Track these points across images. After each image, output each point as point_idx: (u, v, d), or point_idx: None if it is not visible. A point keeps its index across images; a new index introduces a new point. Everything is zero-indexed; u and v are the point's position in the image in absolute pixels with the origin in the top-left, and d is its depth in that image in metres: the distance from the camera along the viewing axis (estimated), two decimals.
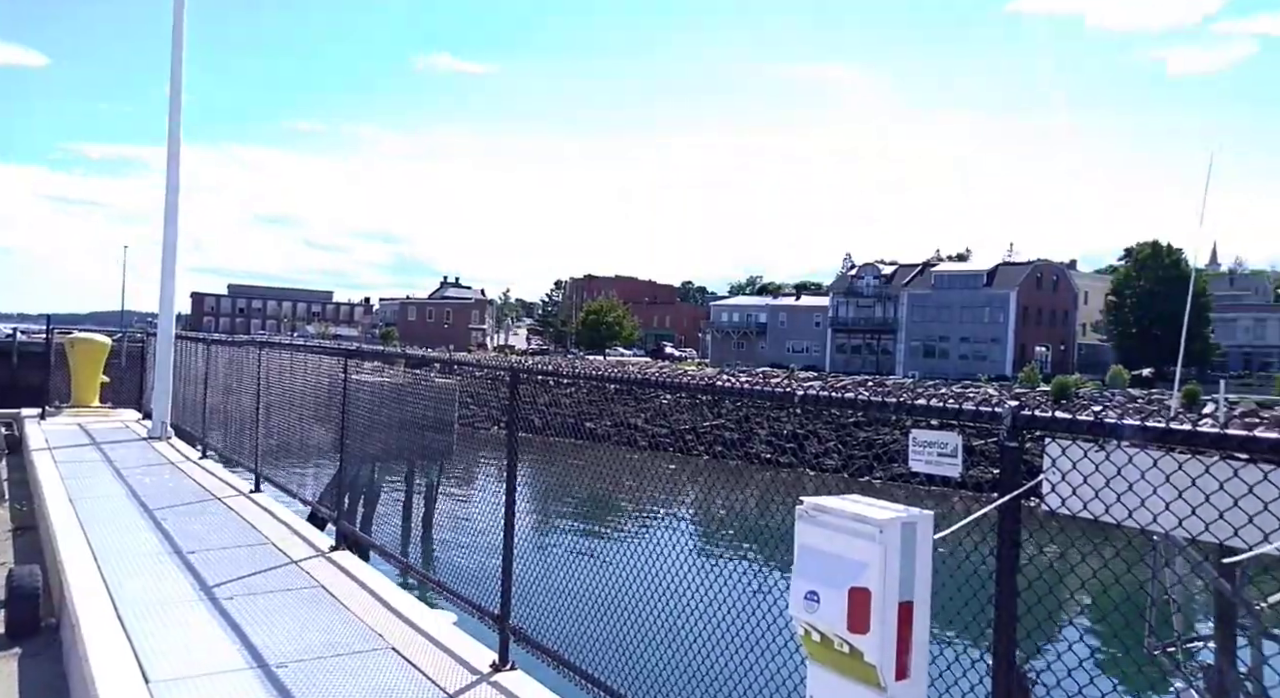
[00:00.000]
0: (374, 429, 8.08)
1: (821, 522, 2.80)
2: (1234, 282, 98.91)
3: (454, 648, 5.24)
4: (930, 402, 2.90)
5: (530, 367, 5.43)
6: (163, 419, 13.92)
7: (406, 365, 8.50)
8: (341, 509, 8.16)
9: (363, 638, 5.37)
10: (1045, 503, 2.56)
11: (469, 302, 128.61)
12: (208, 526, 8.35)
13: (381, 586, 6.52)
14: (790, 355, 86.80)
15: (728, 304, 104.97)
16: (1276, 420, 35.90)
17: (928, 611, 2.67)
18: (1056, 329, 79.04)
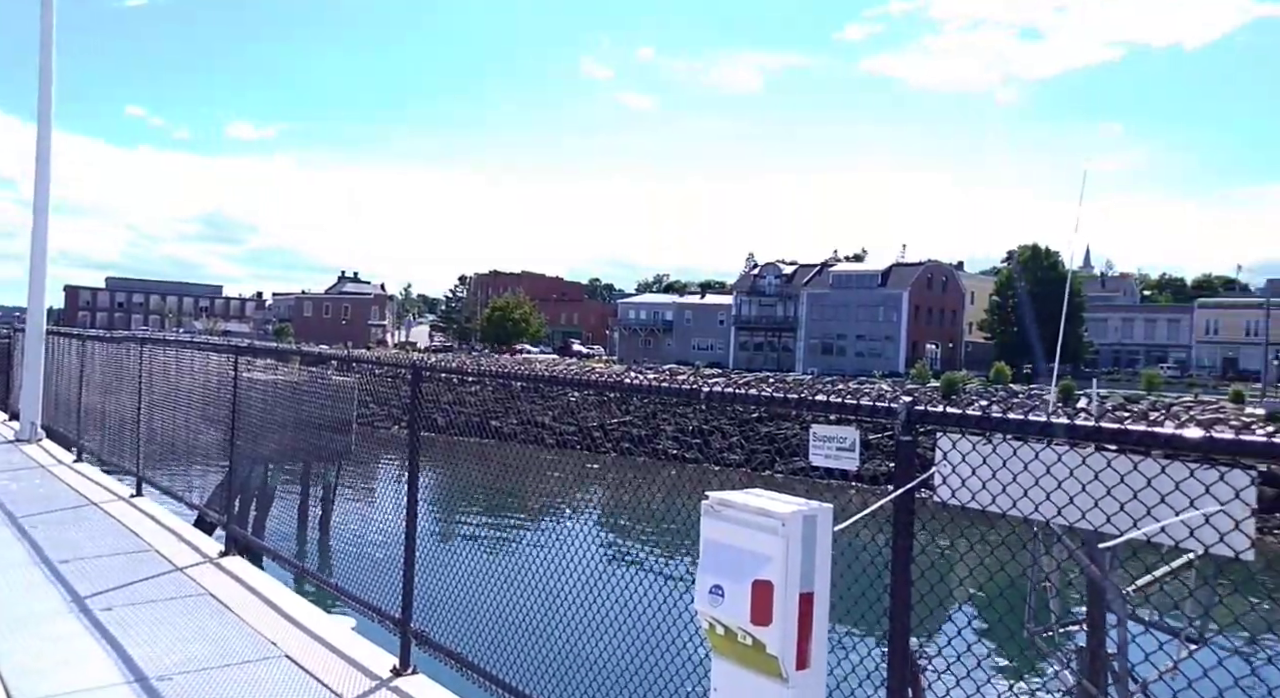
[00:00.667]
0: (267, 429, 7.75)
1: (726, 516, 2.84)
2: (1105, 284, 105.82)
3: (352, 654, 5.09)
4: (829, 398, 2.98)
5: (433, 364, 5.31)
6: (32, 420, 13.00)
7: (302, 363, 8.20)
8: (231, 513, 7.80)
9: (254, 647, 5.15)
10: (937, 495, 2.67)
11: (368, 297, 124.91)
12: (83, 533, 7.83)
13: (275, 591, 6.27)
14: (696, 353, 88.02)
15: (635, 302, 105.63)
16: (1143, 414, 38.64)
17: (827, 601, 2.75)
18: (946, 328, 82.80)
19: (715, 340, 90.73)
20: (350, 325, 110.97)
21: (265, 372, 8.08)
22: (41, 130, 12.87)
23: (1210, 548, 2.13)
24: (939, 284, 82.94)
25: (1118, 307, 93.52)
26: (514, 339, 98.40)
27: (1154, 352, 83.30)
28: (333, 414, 7.11)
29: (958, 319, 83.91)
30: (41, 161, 12.87)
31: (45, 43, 12.75)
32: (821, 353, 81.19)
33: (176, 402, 9.74)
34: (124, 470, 10.39)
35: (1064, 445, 2.42)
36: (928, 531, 2.78)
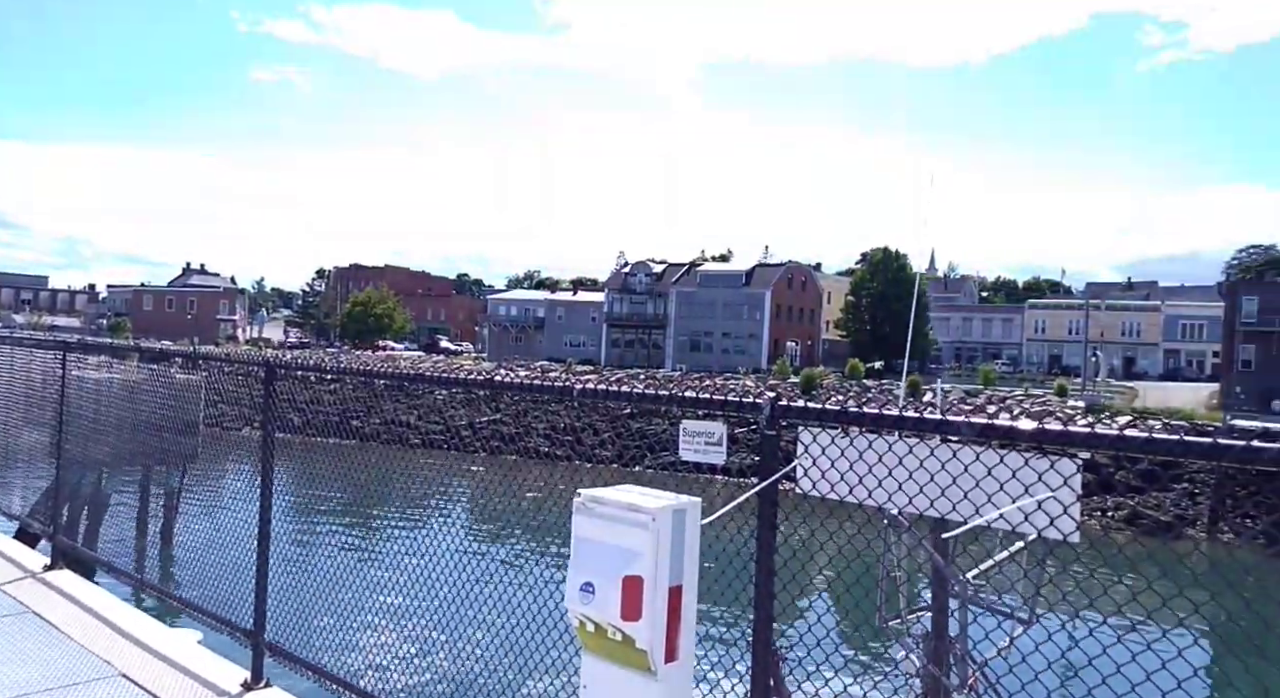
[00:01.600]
0: (101, 432, 7.15)
1: (598, 513, 2.85)
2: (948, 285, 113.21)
3: (198, 670, 4.77)
4: (698, 394, 3.04)
5: (289, 361, 5.05)
6: None
7: (141, 360, 7.60)
8: (58, 523, 7.14)
9: (87, 667, 4.74)
10: (799, 486, 2.77)
11: (216, 290, 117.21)
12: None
13: (109, 607, 5.79)
14: (568, 350, 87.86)
15: (506, 298, 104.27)
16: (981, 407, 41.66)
17: (695, 595, 2.81)
18: (805, 326, 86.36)
19: (587, 337, 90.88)
20: (196, 320, 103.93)
21: (99, 369, 7.45)
22: None
23: (1042, 532, 2.31)
24: (799, 284, 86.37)
25: (959, 307, 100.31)
26: (377, 336, 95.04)
27: (990, 349, 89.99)
28: (177, 415, 6.64)
29: (816, 318, 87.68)
30: None
31: None
32: (690, 350, 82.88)
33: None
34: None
35: (914, 438, 2.57)
36: (790, 522, 2.89)
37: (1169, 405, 45.08)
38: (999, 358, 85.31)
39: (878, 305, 74.44)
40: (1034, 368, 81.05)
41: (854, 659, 2.89)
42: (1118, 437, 2.25)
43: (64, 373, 7.06)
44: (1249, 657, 2.57)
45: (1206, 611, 3.27)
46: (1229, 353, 59.63)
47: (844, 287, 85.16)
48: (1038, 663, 2.49)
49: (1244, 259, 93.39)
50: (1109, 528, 28.16)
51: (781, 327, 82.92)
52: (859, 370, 60.57)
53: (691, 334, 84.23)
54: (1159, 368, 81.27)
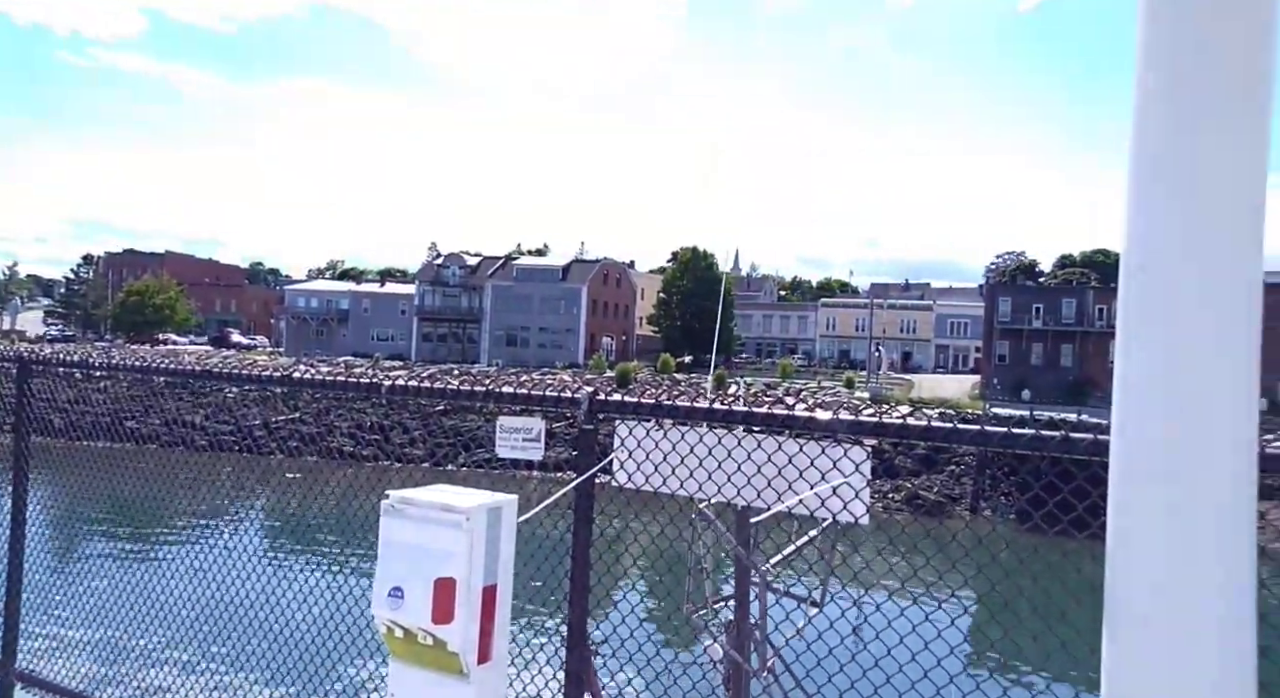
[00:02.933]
0: None
1: (408, 515, 2.74)
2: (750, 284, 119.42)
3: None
4: (516, 390, 3.00)
5: (47, 356, 4.48)
6: None
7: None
8: None
9: None
10: (615, 479, 2.81)
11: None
12: None
13: None
14: (375, 344, 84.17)
15: (305, 289, 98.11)
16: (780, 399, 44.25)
17: (510, 593, 2.77)
18: (620, 321, 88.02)
19: (396, 331, 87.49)
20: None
21: None
22: None
23: (836, 515, 2.48)
24: (614, 280, 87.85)
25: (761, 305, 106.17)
26: (157, 328, 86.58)
27: (788, 344, 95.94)
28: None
29: (630, 314, 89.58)
30: None
31: None
32: (506, 344, 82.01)
33: None
34: None
35: (721, 429, 2.67)
36: (606, 514, 2.92)
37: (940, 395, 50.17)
38: (795, 353, 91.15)
39: (687, 302, 77.23)
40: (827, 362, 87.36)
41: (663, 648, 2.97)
42: (901, 426, 2.46)
43: None
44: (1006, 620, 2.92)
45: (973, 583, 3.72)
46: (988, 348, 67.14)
47: (656, 284, 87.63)
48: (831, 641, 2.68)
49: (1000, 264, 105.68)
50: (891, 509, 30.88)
51: (597, 322, 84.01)
52: (670, 365, 62.59)
53: (508, 329, 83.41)
54: (931, 362, 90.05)
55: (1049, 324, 65.15)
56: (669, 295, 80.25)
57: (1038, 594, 3.65)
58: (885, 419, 2.50)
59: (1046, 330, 65.01)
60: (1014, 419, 31.43)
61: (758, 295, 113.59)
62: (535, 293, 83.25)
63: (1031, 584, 3.71)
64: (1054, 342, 65.03)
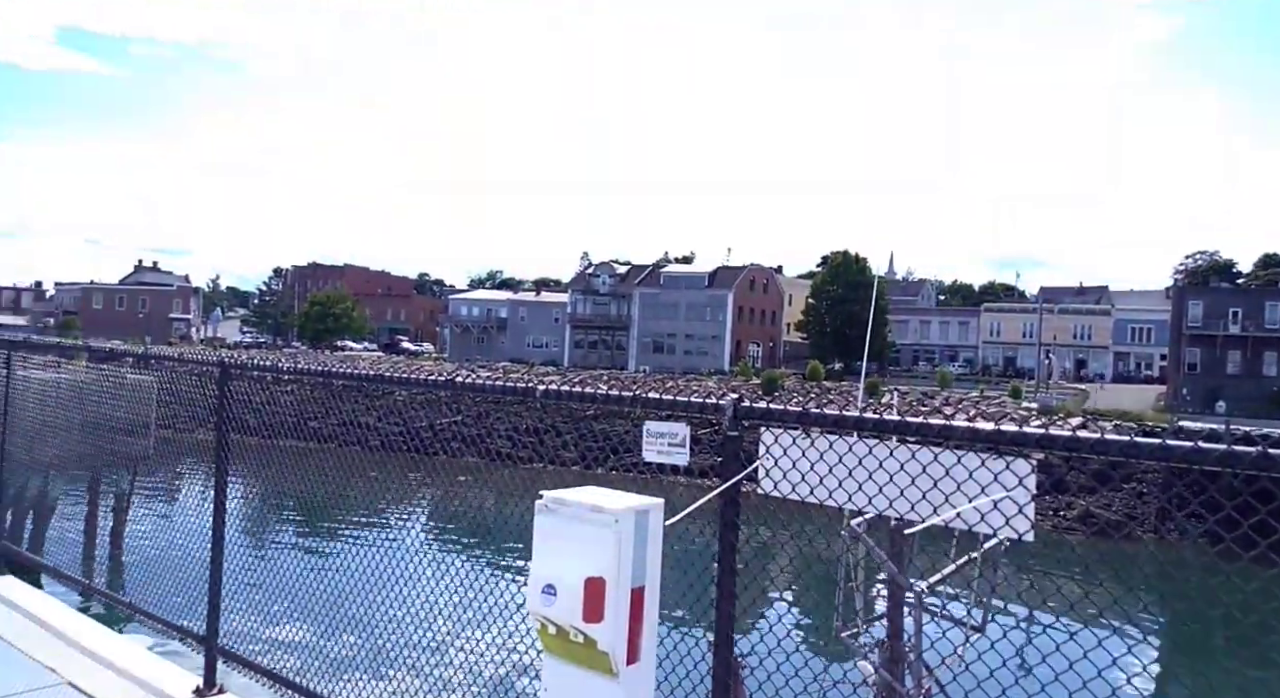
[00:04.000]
0: (47, 433, 6.94)
1: (560, 514, 2.84)
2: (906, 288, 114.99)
3: (148, 677, 4.65)
4: (661, 396, 3.04)
5: (243, 362, 4.96)
6: None
7: (90, 360, 7.40)
8: (1, 528, 6.92)
9: (30, 676, 4.59)
10: (761, 487, 2.79)
11: (169, 289, 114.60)
12: None
13: (55, 613, 5.63)
14: (530, 350, 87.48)
15: (467, 298, 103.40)
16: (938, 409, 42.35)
17: (657, 595, 2.81)
18: (767, 328, 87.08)
19: (550, 338, 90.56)
20: (149, 319, 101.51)
21: (46, 369, 7.24)
22: None
23: (997, 531, 2.35)
24: (760, 286, 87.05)
25: (917, 309, 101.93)
26: (336, 336, 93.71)
27: (947, 351, 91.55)
28: (128, 416, 6.48)
29: (777, 320, 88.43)
30: None
31: None
32: (653, 351, 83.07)
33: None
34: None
35: (873, 439, 2.60)
36: (752, 523, 2.90)
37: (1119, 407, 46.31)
38: (956, 360, 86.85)
39: (837, 308, 75.36)
40: (990, 370, 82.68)
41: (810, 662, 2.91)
42: (1071, 438, 2.30)
43: (8, 373, 6.85)
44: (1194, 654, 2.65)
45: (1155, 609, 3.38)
46: (1175, 356, 61.45)
47: (805, 289, 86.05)
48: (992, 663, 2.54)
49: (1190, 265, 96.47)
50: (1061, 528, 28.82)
51: (744, 328, 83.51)
52: (819, 372, 61.23)
53: (654, 335, 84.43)
54: (1109, 370, 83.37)
55: (1249, 329, 58.92)
56: (818, 301, 78.59)
57: (1231, 625, 3.31)
58: (1053, 431, 2.35)
59: (1246, 336, 58.85)
60: (1204, 432, 28.59)
61: (914, 299, 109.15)
62: (681, 300, 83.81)
63: (1224, 614, 3.37)
64: (1254, 348, 58.75)
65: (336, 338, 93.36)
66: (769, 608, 3.48)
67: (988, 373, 79.76)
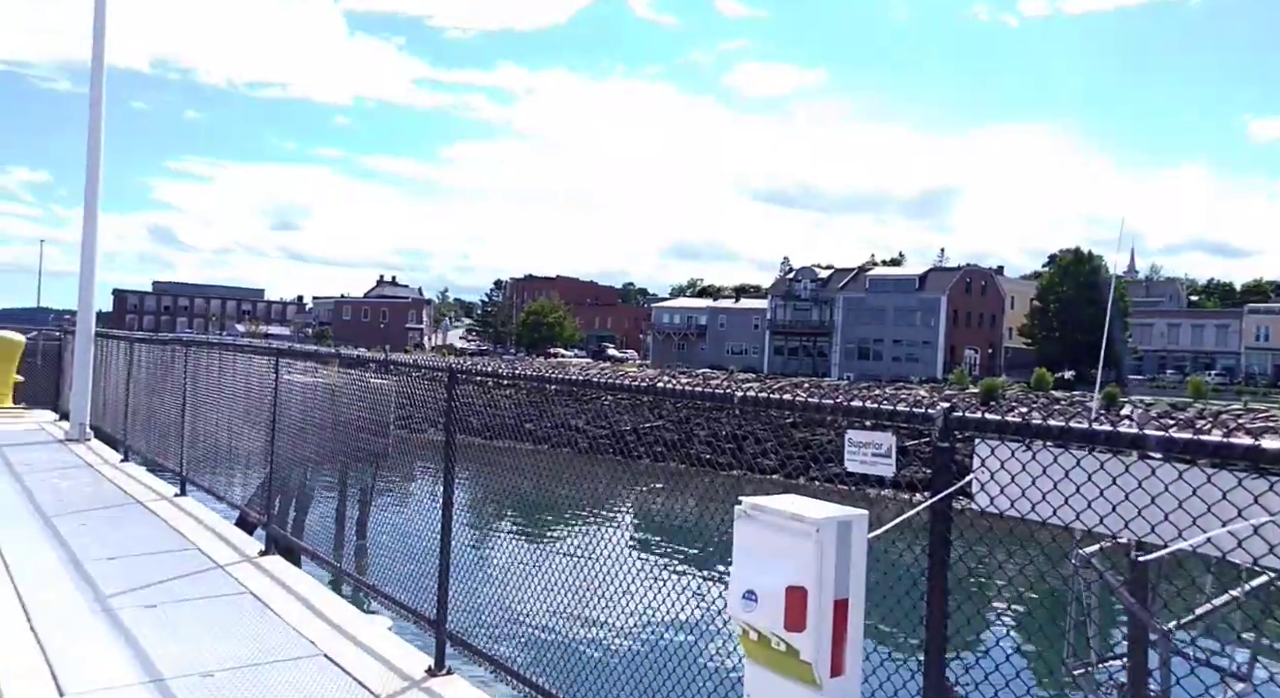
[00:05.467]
0: (306, 431, 7.88)
1: (760, 522, 2.83)
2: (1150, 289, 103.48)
3: (388, 654, 5.14)
4: (865, 403, 2.95)
5: (468, 368, 5.36)
6: (81, 421, 13.34)
7: (340, 366, 8.32)
8: (271, 513, 7.94)
9: (293, 645, 5.23)
10: (975, 502, 2.63)
11: (406, 301, 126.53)
12: (129, 531, 8.03)
13: (313, 591, 6.37)
14: (730, 357, 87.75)
15: (669, 306, 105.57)
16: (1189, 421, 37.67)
17: (862, 608, 2.72)
18: (985, 332, 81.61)
19: (750, 345, 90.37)
20: (388, 329, 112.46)
21: (305, 374, 8.21)
22: (92, 133, 13.23)
23: (1259, 560, 2.07)
24: (978, 288, 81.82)
25: (1163, 312, 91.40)
26: (549, 343, 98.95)
27: (1201, 358, 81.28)
28: (370, 417, 7.20)
29: (997, 324, 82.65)
30: (91, 164, 13.23)
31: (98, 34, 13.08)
32: (858, 358, 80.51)
33: (219, 403, 9.94)
34: (168, 471, 10.62)
35: (1106, 453, 2.37)
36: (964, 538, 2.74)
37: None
38: (1212, 368, 76.92)
39: (1067, 310, 69.20)
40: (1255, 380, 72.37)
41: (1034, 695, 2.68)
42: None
43: (276, 377, 7.85)
44: None
45: None
46: None
47: (1029, 291, 79.83)
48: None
49: None
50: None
51: (959, 333, 78.85)
52: (1046, 380, 56.47)
53: (859, 342, 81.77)
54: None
55: None
56: (1045, 303, 72.63)
57: None
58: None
59: None
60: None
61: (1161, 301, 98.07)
62: (889, 304, 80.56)
63: None
64: None
65: (549, 345, 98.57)
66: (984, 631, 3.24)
67: (1252, 382, 69.82)
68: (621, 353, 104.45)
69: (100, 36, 13.07)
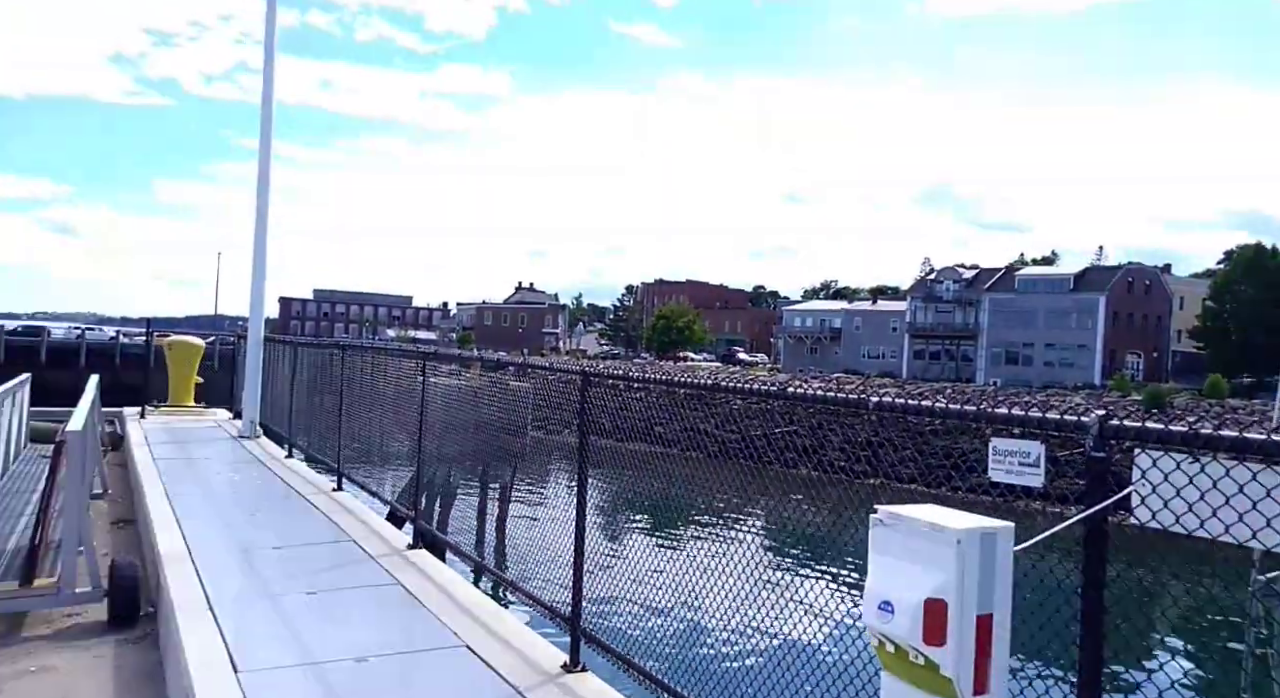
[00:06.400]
0: (450, 431, 8.26)
1: (897, 530, 2.75)
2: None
3: (525, 649, 5.31)
4: (1011, 410, 2.81)
5: (600, 371, 5.47)
6: (252, 419, 14.51)
7: (481, 369, 8.66)
8: (418, 509, 8.36)
9: (438, 636, 5.49)
10: (1135, 516, 2.45)
11: (542, 306, 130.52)
12: (292, 522, 8.67)
13: (456, 584, 6.66)
14: (866, 362, 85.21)
15: (801, 309, 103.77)
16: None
17: (1008, 625, 2.59)
18: (1149, 336, 75.61)
19: (887, 349, 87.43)
20: (526, 333, 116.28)
21: (449, 377, 8.60)
22: (262, 152, 14.39)
23: None
24: (1141, 288, 75.94)
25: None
26: (679, 347, 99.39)
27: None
28: (509, 418, 7.47)
29: (1163, 326, 76.40)
30: (261, 182, 14.39)
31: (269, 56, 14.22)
32: (1005, 362, 76.32)
33: (371, 403, 10.58)
34: (327, 466, 11.39)
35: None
36: (1122, 555, 2.56)
37: None
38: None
39: (1248, 311, 63.08)
40: None
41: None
42: None
43: (424, 379, 8.27)
44: None
45: None
46: None
47: (1201, 291, 73.39)
48: None
49: None
50: None
51: (1119, 336, 73.39)
52: (1221, 387, 51.66)
53: (1007, 345, 77.49)
54: None
55: None
56: (1220, 303, 66.48)
57: None
58: None
59: None
60: None
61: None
62: (1040, 306, 75.94)
63: None
64: None
65: (679, 349, 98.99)
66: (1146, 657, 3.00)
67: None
68: (751, 356, 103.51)
69: (270, 59, 14.21)
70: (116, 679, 5.58)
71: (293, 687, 4.60)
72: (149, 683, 5.53)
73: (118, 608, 6.51)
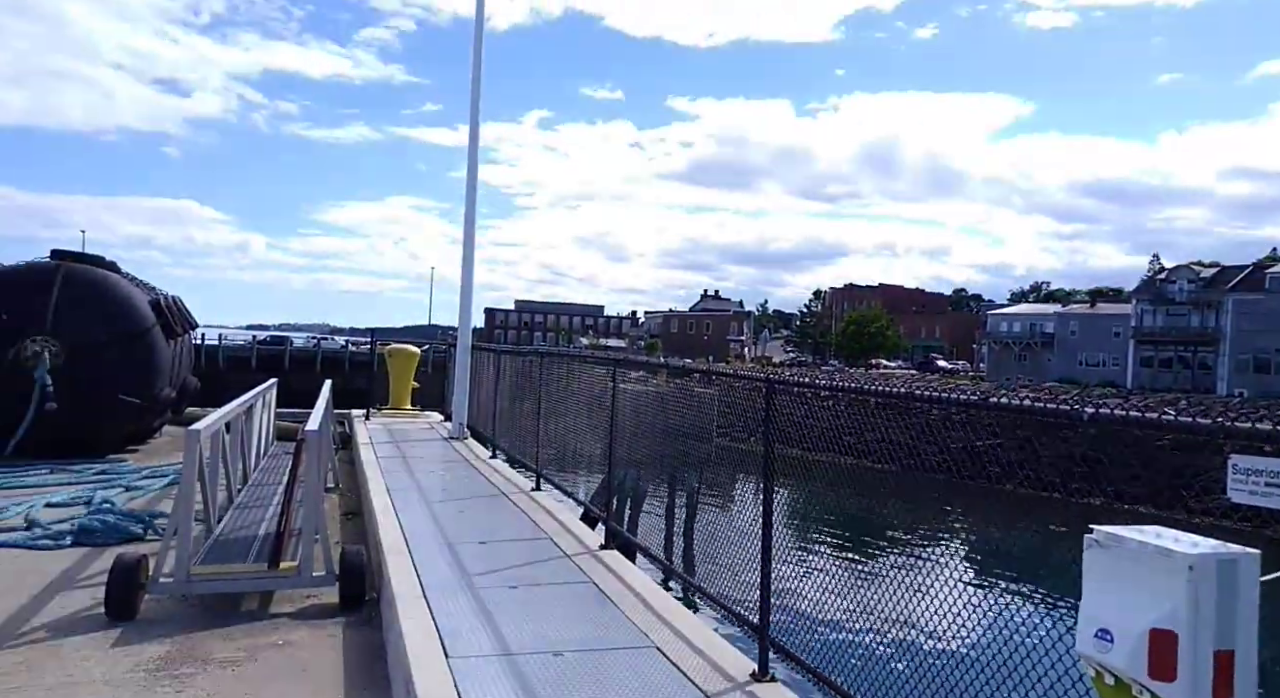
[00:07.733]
0: (639, 435, 8.47)
1: (1116, 553, 2.52)
2: None
3: (713, 654, 5.33)
4: (1255, 424, 2.50)
5: (785, 379, 5.40)
6: (460, 421, 15.60)
7: (668, 376, 8.82)
8: (610, 510, 8.63)
9: (629, 635, 5.63)
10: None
11: (727, 314, 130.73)
12: (496, 518, 9.22)
13: (646, 586, 6.80)
14: (1083, 370, 78.22)
15: (1008, 313, 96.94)
16: None
17: (1254, 664, 2.30)
18: None
19: (1108, 356, 79.75)
20: (711, 340, 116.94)
21: (637, 383, 8.83)
22: (470, 177, 15.46)
23: None
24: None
25: None
26: (871, 354, 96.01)
27: None
28: (695, 424, 7.55)
29: None
30: (469, 202, 15.47)
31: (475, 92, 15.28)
32: (1253, 371, 67.42)
33: (567, 408, 11.06)
34: (526, 467, 12.02)
35: None
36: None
37: None
38: None
39: None
40: None
41: None
42: None
43: (614, 386, 8.54)
44: None
45: None
46: None
47: None
48: None
49: None
50: None
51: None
52: None
53: (1256, 352, 68.38)
54: None
55: None
56: None
57: None
58: None
59: None
60: None
61: None
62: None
63: None
64: None
65: (871, 356, 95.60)
66: None
67: None
68: (951, 364, 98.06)
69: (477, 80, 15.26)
70: (346, 657, 6.18)
71: (497, 675, 4.89)
72: (374, 663, 6.08)
73: (347, 592, 7.20)
